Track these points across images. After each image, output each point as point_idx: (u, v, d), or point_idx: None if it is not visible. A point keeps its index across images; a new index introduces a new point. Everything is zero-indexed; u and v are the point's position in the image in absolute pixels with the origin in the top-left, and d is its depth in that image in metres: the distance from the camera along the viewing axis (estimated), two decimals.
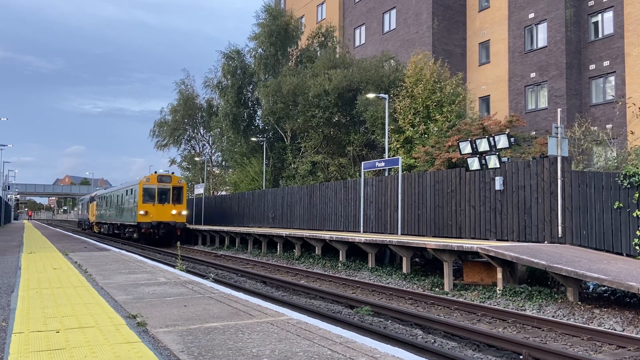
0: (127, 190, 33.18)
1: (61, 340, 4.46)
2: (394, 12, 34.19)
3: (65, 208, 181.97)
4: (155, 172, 41.81)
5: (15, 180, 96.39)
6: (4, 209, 56.68)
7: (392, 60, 28.79)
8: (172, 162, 48.43)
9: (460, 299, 11.68)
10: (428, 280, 14.33)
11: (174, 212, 29.94)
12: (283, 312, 5.84)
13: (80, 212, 63.53)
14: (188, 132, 47.25)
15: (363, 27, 37.36)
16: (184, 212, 30.68)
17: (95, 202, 45.95)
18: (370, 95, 24.36)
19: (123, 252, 15.43)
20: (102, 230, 42.24)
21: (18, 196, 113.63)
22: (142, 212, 29.28)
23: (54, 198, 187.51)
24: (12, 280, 8.36)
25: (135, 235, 30.67)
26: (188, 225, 32.02)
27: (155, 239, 29.55)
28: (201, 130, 47.41)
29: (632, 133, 18.60)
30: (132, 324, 5.10)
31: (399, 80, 25.50)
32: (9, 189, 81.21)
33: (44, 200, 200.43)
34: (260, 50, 34.21)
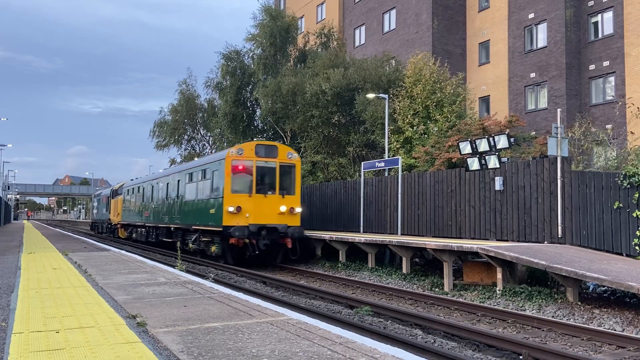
0: (192, 173, 21.05)
1: (61, 340, 4.46)
2: (393, 12, 34.20)
3: (65, 208, 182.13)
4: (253, 139, 26.91)
5: (16, 180, 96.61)
6: (3, 209, 56.70)
7: (392, 61, 28.79)
8: (172, 162, 48.40)
9: (460, 299, 11.69)
10: (428, 281, 14.33)
11: (282, 208, 18.26)
12: (283, 312, 5.84)
13: (95, 212, 49.12)
14: (188, 132, 47.25)
15: (363, 27, 37.36)
16: (298, 210, 18.87)
17: (120, 197, 34.32)
18: (370, 95, 24.34)
19: (123, 252, 15.46)
20: (135, 236, 29.93)
21: (18, 196, 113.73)
22: (231, 209, 17.41)
23: (53, 198, 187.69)
24: (12, 281, 8.36)
25: (214, 248, 18.60)
26: (305, 232, 19.45)
27: (254, 255, 17.67)
28: (201, 131, 47.40)
29: (632, 133, 18.61)
30: (132, 324, 5.11)
31: (399, 80, 25.50)
32: (8, 189, 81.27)
33: (43, 201, 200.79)
34: (259, 50, 34.19)
